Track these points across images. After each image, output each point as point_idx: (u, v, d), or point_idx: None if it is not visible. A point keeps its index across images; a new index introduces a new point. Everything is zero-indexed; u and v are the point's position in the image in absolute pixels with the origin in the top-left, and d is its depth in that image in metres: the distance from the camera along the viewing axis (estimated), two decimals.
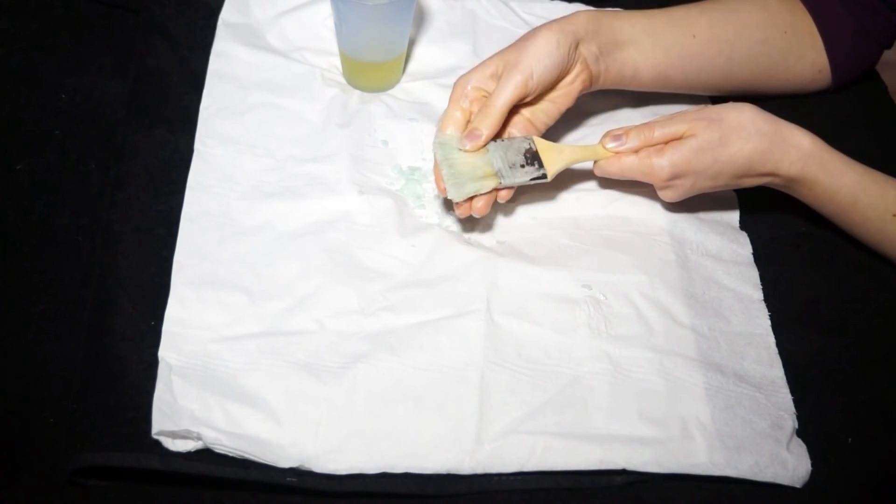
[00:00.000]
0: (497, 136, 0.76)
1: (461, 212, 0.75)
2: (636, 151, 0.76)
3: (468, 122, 0.76)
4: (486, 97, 0.75)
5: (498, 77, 0.75)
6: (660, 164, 0.75)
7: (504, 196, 0.75)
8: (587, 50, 0.77)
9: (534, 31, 0.76)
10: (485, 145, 0.74)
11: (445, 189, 0.73)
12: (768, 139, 0.74)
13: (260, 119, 0.83)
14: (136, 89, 0.83)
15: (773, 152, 0.74)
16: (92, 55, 0.87)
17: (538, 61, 0.74)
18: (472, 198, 0.74)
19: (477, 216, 0.75)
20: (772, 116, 0.75)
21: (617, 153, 0.76)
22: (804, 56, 0.87)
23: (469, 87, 0.75)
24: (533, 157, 0.76)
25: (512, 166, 0.75)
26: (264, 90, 0.85)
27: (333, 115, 0.84)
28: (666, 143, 0.76)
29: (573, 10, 0.96)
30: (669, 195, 0.78)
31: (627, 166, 0.76)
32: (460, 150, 0.74)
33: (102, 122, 0.82)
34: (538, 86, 0.75)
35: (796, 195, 0.78)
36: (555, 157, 0.76)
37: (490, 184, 0.74)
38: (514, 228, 0.80)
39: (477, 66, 0.76)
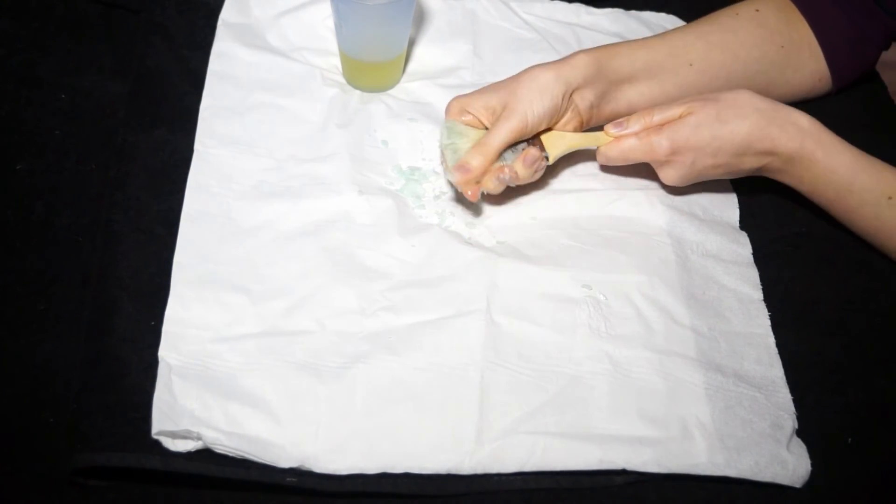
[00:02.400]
0: None
1: (472, 194, 0.75)
2: (636, 134, 0.77)
3: None
4: (478, 122, 0.77)
5: (494, 112, 0.77)
6: (658, 141, 0.77)
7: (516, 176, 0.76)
8: (580, 97, 0.79)
9: (532, 75, 0.77)
10: (475, 181, 0.75)
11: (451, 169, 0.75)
12: (766, 116, 0.75)
13: (260, 119, 0.83)
14: (136, 89, 0.83)
15: (772, 129, 0.75)
16: (92, 55, 0.87)
17: (532, 110, 0.75)
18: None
19: (488, 191, 0.76)
20: (769, 98, 0.76)
21: (618, 137, 0.78)
22: (802, 67, 0.87)
23: (465, 111, 0.77)
24: (535, 142, 0.77)
25: (514, 150, 0.76)
26: (264, 90, 0.85)
27: (333, 115, 0.84)
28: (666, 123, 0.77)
29: (573, 10, 0.98)
30: (671, 175, 0.79)
31: (628, 147, 0.78)
32: (466, 135, 0.76)
33: (102, 122, 0.82)
34: (532, 131, 0.77)
35: (794, 180, 0.78)
36: (557, 143, 0.78)
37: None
38: (514, 228, 0.80)
39: (475, 93, 0.78)
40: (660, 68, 0.82)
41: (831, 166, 0.75)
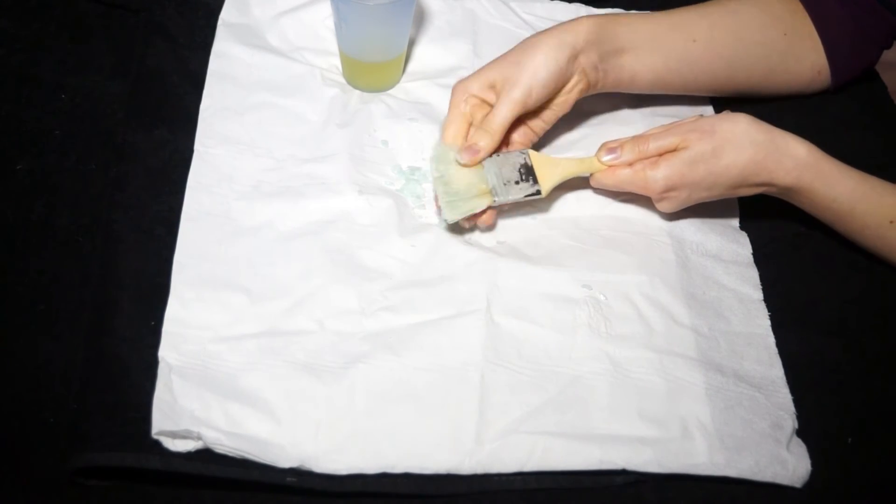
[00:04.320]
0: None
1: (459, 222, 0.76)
2: (630, 164, 0.76)
3: (469, 125, 0.77)
4: (483, 104, 0.76)
5: (496, 89, 0.76)
6: (654, 177, 0.76)
7: (486, 220, 0.76)
8: (587, 59, 0.78)
9: (533, 43, 0.76)
10: (482, 161, 0.75)
11: (441, 209, 0.75)
12: (763, 150, 0.74)
13: (260, 119, 0.83)
14: (136, 89, 0.83)
15: (768, 163, 0.74)
16: (92, 55, 0.86)
17: (536, 79, 0.74)
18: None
19: (482, 227, 0.77)
20: (767, 126, 0.75)
21: (611, 167, 0.77)
22: (804, 58, 0.87)
23: (468, 94, 0.76)
24: (528, 173, 0.76)
25: (507, 183, 0.75)
26: (264, 90, 0.85)
27: (333, 115, 0.84)
28: (660, 155, 0.76)
29: (573, 10, 0.98)
30: (666, 206, 0.79)
31: (622, 179, 0.77)
32: (457, 162, 0.75)
33: (102, 122, 0.82)
34: (537, 101, 0.76)
35: (794, 203, 0.78)
36: (550, 172, 0.77)
37: (484, 202, 0.75)
38: (514, 228, 0.80)
39: (476, 73, 0.77)
40: (663, 41, 0.81)
41: (830, 195, 0.75)
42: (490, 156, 0.76)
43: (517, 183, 0.76)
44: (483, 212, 0.76)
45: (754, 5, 0.85)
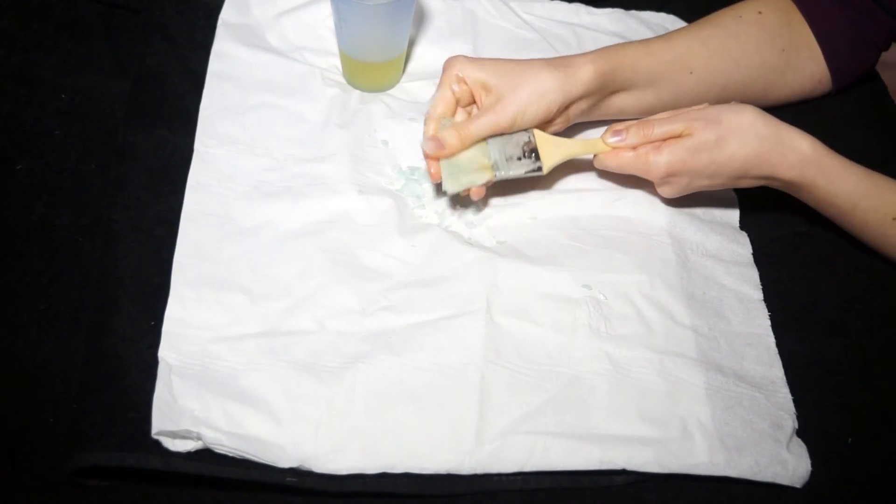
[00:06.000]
0: None
1: (435, 173, 0.76)
2: (634, 148, 0.77)
3: (457, 102, 0.77)
4: (470, 94, 0.77)
5: (487, 95, 0.76)
6: (656, 162, 0.76)
7: (477, 193, 0.76)
8: (576, 108, 0.79)
9: (537, 77, 0.75)
10: (447, 157, 0.75)
11: (442, 179, 0.75)
12: (767, 143, 0.74)
13: (260, 119, 0.83)
14: (136, 89, 0.83)
15: (771, 156, 0.74)
16: (92, 55, 0.87)
17: (525, 114, 0.75)
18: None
19: (474, 199, 0.77)
20: (772, 119, 0.75)
21: (615, 148, 0.77)
22: (802, 69, 0.87)
23: (460, 78, 0.76)
24: (531, 151, 0.77)
25: (509, 159, 0.76)
26: (264, 90, 0.85)
27: (333, 115, 0.84)
28: (665, 140, 0.76)
29: (573, 10, 0.98)
30: (667, 191, 0.79)
31: (625, 162, 0.78)
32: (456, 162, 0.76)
33: (102, 122, 0.82)
34: (519, 129, 0.76)
35: (797, 197, 0.78)
36: (553, 151, 0.77)
37: (484, 176, 0.75)
38: (514, 228, 0.80)
39: (474, 62, 0.76)
40: (660, 77, 0.81)
41: (833, 191, 0.75)
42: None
43: (520, 159, 0.76)
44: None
45: (753, 24, 0.84)
